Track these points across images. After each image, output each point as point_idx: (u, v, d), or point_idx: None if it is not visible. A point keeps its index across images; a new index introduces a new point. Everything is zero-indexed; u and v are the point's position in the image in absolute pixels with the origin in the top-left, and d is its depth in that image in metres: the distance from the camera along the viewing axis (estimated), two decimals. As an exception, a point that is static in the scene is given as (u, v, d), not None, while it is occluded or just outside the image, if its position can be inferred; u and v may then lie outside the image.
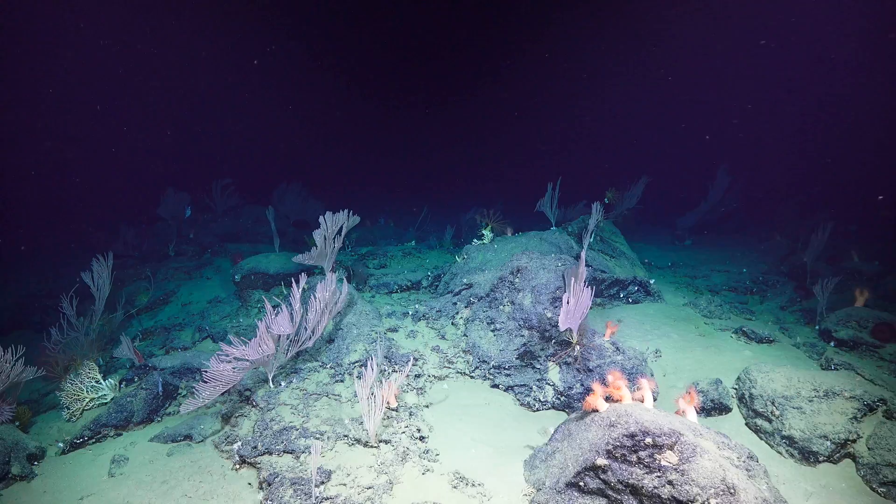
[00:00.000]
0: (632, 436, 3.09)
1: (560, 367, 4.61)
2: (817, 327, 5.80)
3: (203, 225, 11.27)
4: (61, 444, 4.36)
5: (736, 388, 4.52)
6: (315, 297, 4.49)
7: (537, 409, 4.52)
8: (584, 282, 4.36)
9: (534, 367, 4.69)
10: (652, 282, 6.44)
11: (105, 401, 4.82)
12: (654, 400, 3.60)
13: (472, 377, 4.87)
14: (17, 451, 4.00)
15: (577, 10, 25.41)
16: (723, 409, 4.39)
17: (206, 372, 3.77)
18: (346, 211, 5.79)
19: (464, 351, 5.02)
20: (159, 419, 4.75)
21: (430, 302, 5.93)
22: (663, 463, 3.05)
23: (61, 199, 19.65)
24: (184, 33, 26.07)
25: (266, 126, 30.81)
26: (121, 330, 6.70)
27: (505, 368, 4.74)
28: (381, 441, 3.75)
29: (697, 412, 3.86)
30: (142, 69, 27.07)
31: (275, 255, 7.49)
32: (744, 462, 3.26)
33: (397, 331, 5.38)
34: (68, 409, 4.71)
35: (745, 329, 5.42)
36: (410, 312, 5.77)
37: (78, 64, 25.06)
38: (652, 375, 4.59)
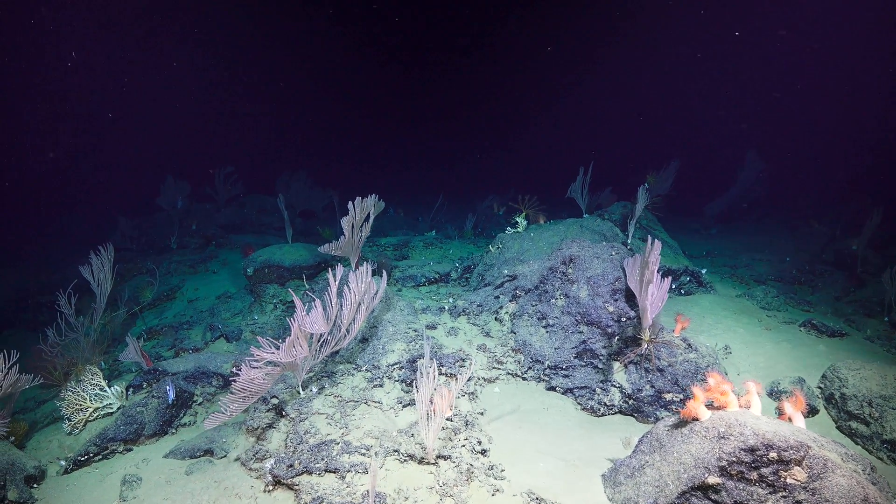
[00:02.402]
0: (751, 450, 2.61)
1: (626, 366, 4.12)
2: (886, 318, 5.36)
3: (206, 215, 10.64)
4: (63, 462, 3.82)
5: (821, 388, 4.06)
6: (349, 290, 3.95)
7: (602, 414, 4.04)
8: (657, 271, 3.89)
9: (595, 367, 4.19)
10: (703, 272, 5.96)
11: (111, 410, 4.29)
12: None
13: (524, 379, 4.37)
14: (14, 472, 3.46)
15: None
16: (810, 410, 3.94)
17: (234, 381, 3.24)
18: (373, 196, 5.25)
19: (513, 350, 4.52)
20: (174, 431, 4.22)
21: (468, 295, 5.41)
22: (790, 481, 2.58)
23: (58, 190, 18.88)
24: (184, 19, 25.13)
25: (268, 114, 29.99)
26: (124, 329, 6.14)
27: (562, 369, 4.25)
28: (438, 457, 3.24)
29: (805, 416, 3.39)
30: (140, 58, 26.13)
31: (289, 246, 6.92)
32: (869, 475, 2.80)
33: (436, 328, 4.86)
34: (70, 420, 4.17)
35: (814, 322, 4.96)
36: (447, 307, 5.25)
37: (74, 55, 24.09)
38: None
